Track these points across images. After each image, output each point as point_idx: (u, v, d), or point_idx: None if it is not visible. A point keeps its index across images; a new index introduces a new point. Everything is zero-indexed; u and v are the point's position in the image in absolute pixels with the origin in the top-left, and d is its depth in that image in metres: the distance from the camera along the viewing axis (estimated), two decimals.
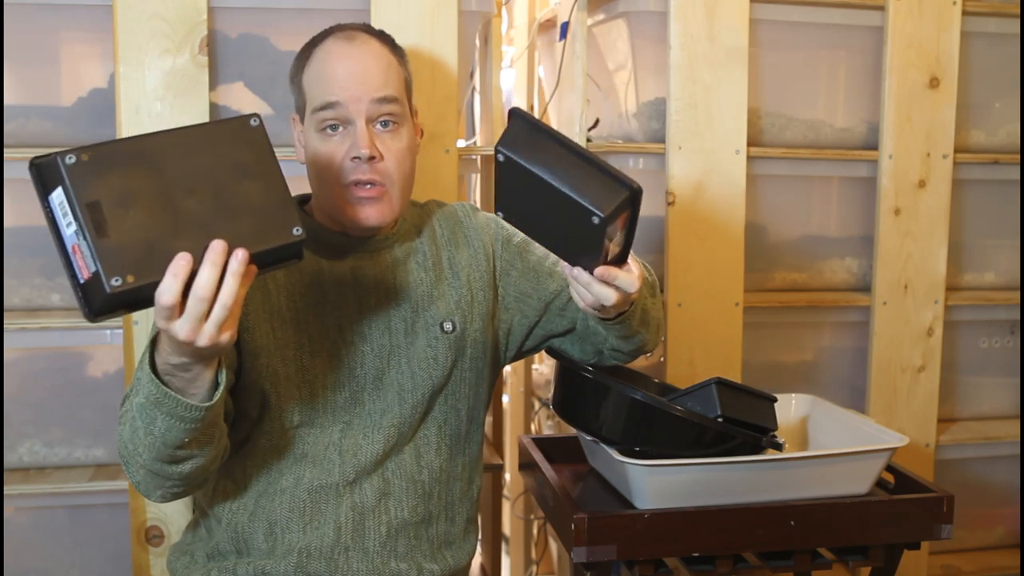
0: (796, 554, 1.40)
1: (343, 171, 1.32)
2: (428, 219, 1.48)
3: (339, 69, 1.33)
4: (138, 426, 1.16)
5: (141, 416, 1.15)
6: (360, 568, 1.34)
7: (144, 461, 1.19)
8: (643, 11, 1.96)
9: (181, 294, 1.01)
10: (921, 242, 2.08)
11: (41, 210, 1.04)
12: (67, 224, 1.01)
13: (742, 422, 1.40)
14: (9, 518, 1.82)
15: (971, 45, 2.12)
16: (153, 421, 1.14)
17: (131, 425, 1.18)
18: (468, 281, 1.43)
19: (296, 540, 1.33)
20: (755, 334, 2.08)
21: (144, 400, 1.13)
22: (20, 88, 1.79)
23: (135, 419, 1.16)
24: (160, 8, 1.70)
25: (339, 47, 1.35)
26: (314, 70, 1.36)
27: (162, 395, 1.11)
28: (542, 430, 2.43)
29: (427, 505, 1.39)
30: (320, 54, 1.36)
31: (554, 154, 1.12)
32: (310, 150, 1.36)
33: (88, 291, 1.02)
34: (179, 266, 1.01)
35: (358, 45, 1.35)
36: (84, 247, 1.00)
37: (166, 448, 1.16)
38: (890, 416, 2.10)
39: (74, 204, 1.00)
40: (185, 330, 1.03)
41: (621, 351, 1.41)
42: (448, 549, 1.42)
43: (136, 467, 1.22)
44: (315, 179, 1.37)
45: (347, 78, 1.32)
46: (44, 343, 1.80)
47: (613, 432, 1.36)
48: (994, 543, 2.29)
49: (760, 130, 2.06)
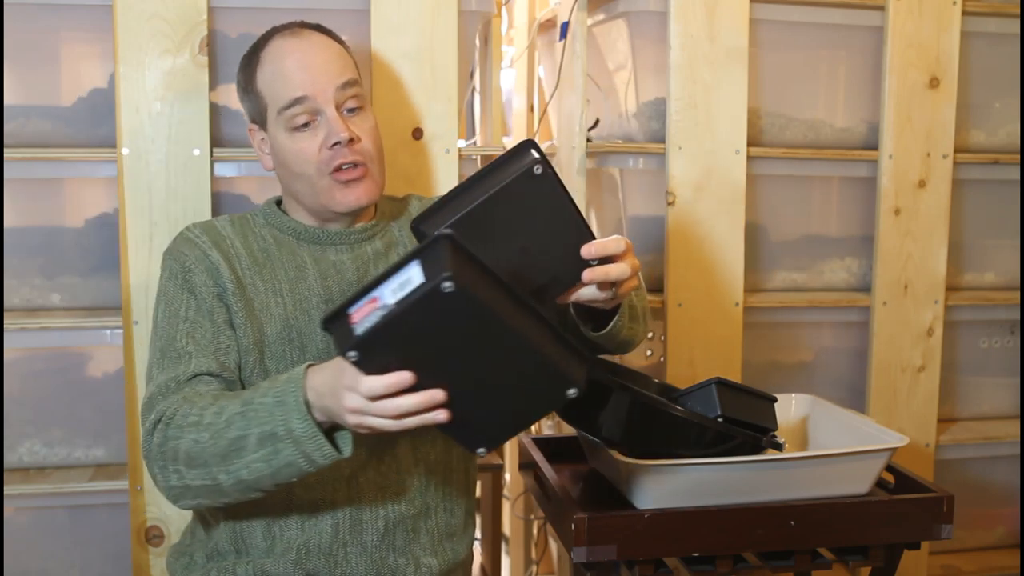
0: (796, 554, 1.40)
1: (323, 161, 1.35)
2: (406, 210, 1.52)
3: (296, 64, 1.35)
4: (241, 447, 1.16)
5: (260, 444, 1.15)
6: (359, 563, 1.34)
7: (215, 476, 1.19)
8: (643, 11, 1.96)
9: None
10: (921, 242, 2.08)
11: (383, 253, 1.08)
12: (391, 292, 1.00)
13: (742, 422, 1.40)
14: (9, 518, 1.81)
15: (971, 45, 2.12)
16: (276, 454, 1.15)
17: (218, 439, 1.18)
18: None
19: (295, 538, 1.33)
20: (755, 334, 2.08)
21: (274, 431, 1.14)
22: (20, 88, 1.79)
23: (237, 440, 1.17)
24: (160, 8, 1.70)
25: (288, 44, 1.37)
26: (269, 72, 1.36)
27: (310, 435, 1.13)
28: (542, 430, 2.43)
29: (424, 498, 1.39)
30: (270, 56, 1.37)
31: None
32: (283, 151, 1.37)
33: (342, 328, 1.02)
34: (403, 382, 1.02)
35: (305, 38, 1.38)
36: (377, 315, 0.99)
37: (267, 480, 1.18)
38: (890, 416, 2.10)
39: (415, 293, 0.98)
40: (357, 420, 1.06)
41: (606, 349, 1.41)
42: (448, 541, 1.42)
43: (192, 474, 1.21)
44: (292, 178, 1.39)
45: (307, 71, 1.34)
46: (44, 343, 1.80)
47: (613, 432, 1.36)
48: (994, 543, 2.29)
49: (760, 130, 2.06)
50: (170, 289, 1.37)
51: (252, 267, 1.38)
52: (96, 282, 1.85)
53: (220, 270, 1.36)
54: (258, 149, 1.44)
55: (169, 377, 1.30)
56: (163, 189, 1.73)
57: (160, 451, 1.23)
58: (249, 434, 1.16)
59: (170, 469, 1.23)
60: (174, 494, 1.26)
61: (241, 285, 1.35)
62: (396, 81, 1.79)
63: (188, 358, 1.30)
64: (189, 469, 1.21)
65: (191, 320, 1.34)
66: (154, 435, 1.24)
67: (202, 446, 1.20)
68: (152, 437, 1.24)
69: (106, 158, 1.76)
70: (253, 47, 1.41)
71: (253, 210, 1.48)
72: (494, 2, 1.94)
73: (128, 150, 1.72)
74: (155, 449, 1.24)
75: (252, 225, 1.43)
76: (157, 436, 1.24)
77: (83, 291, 1.85)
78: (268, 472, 1.17)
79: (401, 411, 1.03)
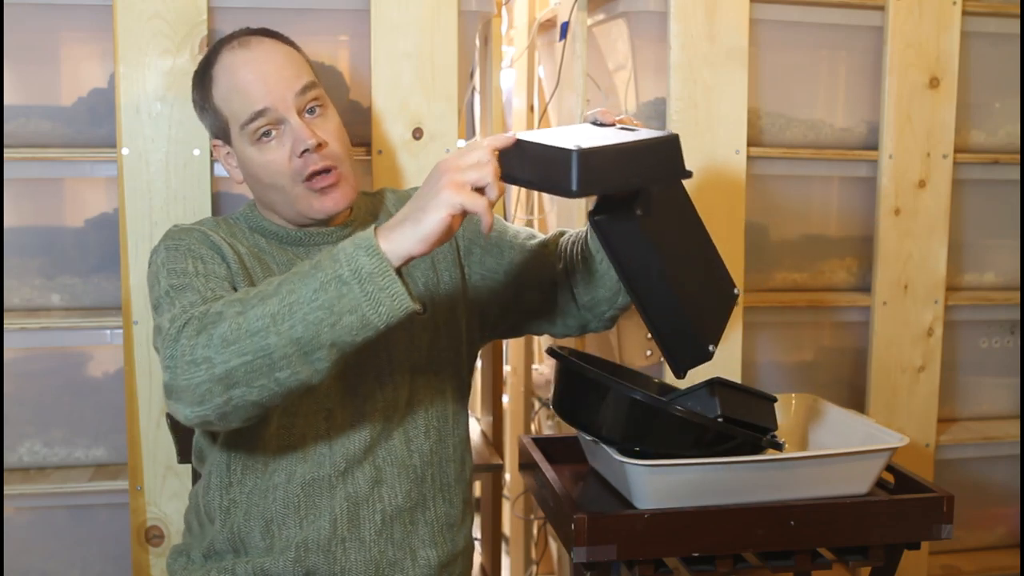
0: (796, 554, 1.40)
1: (295, 170, 1.33)
2: (382, 205, 1.51)
3: (251, 76, 1.33)
4: (296, 300, 1.07)
5: (321, 290, 1.06)
6: (357, 559, 1.34)
7: (261, 343, 1.08)
8: (643, 11, 1.96)
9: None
10: (921, 242, 2.08)
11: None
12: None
13: (742, 422, 1.40)
14: (9, 518, 1.82)
15: (971, 45, 2.12)
16: (339, 298, 1.06)
17: (267, 301, 1.10)
18: (433, 262, 1.45)
19: (293, 535, 1.33)
20: (755, 334, 2.08)
21: (338, 274, 1.06)
22: (20, 88, 1.79)
23: (290, 294, 1.08)
24: (160, 8, 1.70)
25: (239, 56, 1.35)
26: (224, 87, 1.35)
27: (381, 271, 1.05)
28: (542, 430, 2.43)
29: (420, 489, 1.39)
30: (223, 70, 1.36)
31: None
32: (251, 164, 1.36)
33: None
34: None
35: (255, 48, 1.36)
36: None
37: (326, 335, 1.07)
38: (890, 416, 2.10)
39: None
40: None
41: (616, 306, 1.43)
42: (447, 532, 1.42)
43: (227, 355, 1.10)
44: (265, 190, 1.37)
45: (263, 82, 1.33)
46: (44, 343, 1.80)
47: (613, 432, 1.36)
48: (994, 543, 2.29)
49: (760, 130, 2.06)
50: (170, 260, 1.29)
51: (249, 255, 1.36)
52: (96, 282, 1.85)
53: (223, 248, 1.33)
54: (224, 164, 1.42)
55: (192, 301, 1.21)
56: (163, 189, 1.73)
57: (191, 343, 1.11)
58: (305, 286, 1.07)
59: (199, 359, 1.11)
60: (199, 393, 1.12)
61: (244, 265, 1.33)
62: (396, 81, 1.79)
63: (211, 293, 1.23)
64: (225, 348, 1.09)
65: (203, 275, 1.27)
66: (184, 331, 1.13)
67: (247, 315, 1.09)
68: (182, 334, 1.12)
69: (106, 158, 1.76)
70: (204, 63, 1.39)
71: (233, 214, 1.46)
72: (494, 2, 1.94)
73: (128, 150, 1.72)
74: (184, 344, 1.12)
75: (237, 226, 1.42)
76: (189, 330, 1.12)
77: (83, 291, 1.85)
78: (328, 323, 1.06)
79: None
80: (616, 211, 1.25)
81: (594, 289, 1.43)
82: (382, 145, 1.78)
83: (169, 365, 1.14)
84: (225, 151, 1.41)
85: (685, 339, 1.30)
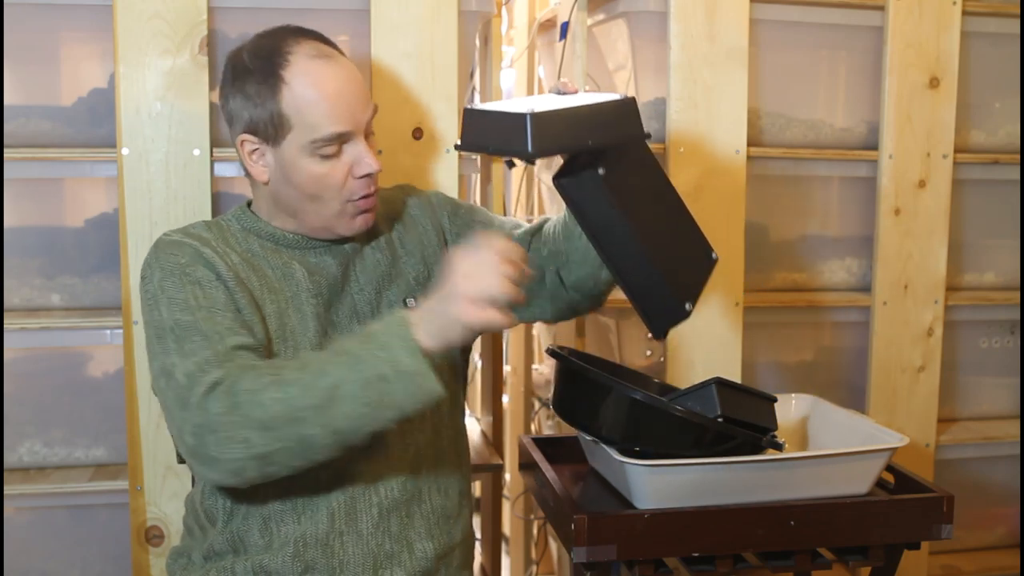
0: (796, 554, 1.40)
1: (349, 189, 1.34)
2: (403, 208, 1.52)
3: (338, 96, 1.31)
4: (339, 396, 1.15)
5: (364, 389, 1.15)
6: (355, 552, 1.34)
7: (303, 433, 1.16)
8: (643, 11, 1.96)
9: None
10: (921, 242, 2.08)
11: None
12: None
13: (742, 422, 1.40)
14: (9, 518, 1.82)
15: (971, 45, 2.12)
16: (382, 396, 1.15)
17: (310, 391, 1.16)
18: (422, 257, 1.47)
19: (291, 531, 1.33)
20: (755, 334, 2.08)
21: (382, 373, 1.15)
22: (20, 88, 1.79)
23: (333, 388, 1.15)
24: (160, 8, 1.70)
25: (322, 69, 1.32)
26: (303, 96, 1.30)
27: (423, 370, 1.15)
28: (542, 430, 2.43)
29: (416, 482, 1.39)
30: (302, 77, 1.31)
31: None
32: (300, 173, 1.33)
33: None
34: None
35: (337, 64, 1.34)
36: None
37: (367, 426, 1.17)
38: (890, 416, 2.10)
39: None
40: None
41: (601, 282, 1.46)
42: (444, 524, 1.42)
43: (267, 439, 1.16)
44: (302, 198, 1.35)
45: (348, 105, 1.32)
46: (44, 343, 1.80)
47: (613, 432, 1.36)
48: (994, 543, 2.29)
49: (760, 130, 2.06)
50: (169, 287, 1.28)
51: (243, 263, 1.34)
52: (96, 282, 1.85)
53: (216, 265, 1.31)
54: (247, 159, 1.36)
55: (205, 356, 1.21)
56: (163, 189, 1.73)
57: (225, 419, 1.15)
58: (348, 380, 1.15)
59: (237, 439, 1.15)
60: (234, 467, 1.17)
61: (239, 279, 1.32)
62: (396, 81, 1.79)
63: (219, 337, 1.23)
64: (265, 432, 1.15)
65: (206, 307, 1.26)
66: (211, 401, 1.16)
67: (289, 403, 1.15)
68: (209, 404, 1.16)
69: (106, 158, 1.76)
70: (267, 60, 1.32)
71: (224, 216, 1.43)
72: (494, 2, 1.94)
73: (128, 150, 1.72)
74: (216, 417, 1.15)
75: (229, 230, 1.39)
76: (219, 403, 1.16)
77: (83, 291, 1.85)
78: (370, 417, 1.16)
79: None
80: (579, 173, 1.31)
81: (578, 268, 1.45)
82: (382, 145, 1.78)
83: (197, 433, 1.18)
84: (254, 148, 1.35)
85: (660, 298, 1.34)
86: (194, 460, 1.20)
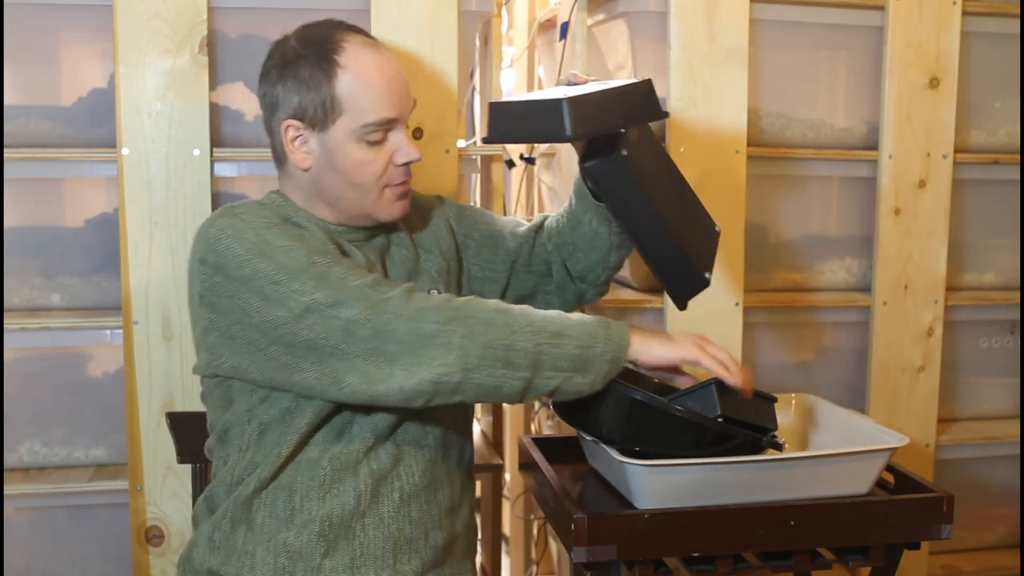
0: (796, 554, 1.40)
1: (390, 176, 1.38)
2: (439, 210, 1.57)
3: (389, 83, 1.36)
4: (561, 334, 1.28)
5: (569, 361, 1.28)
6: (376, 535, 1.34)
7: (513, 341, 1.25)
8: (643, 11, 1.96)
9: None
10: (921, 242, 2.08)
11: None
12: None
13: (742, 422, 1.40)
14: (9, 518, 1.82)
15: (971, 45, 2.12)
16: (586, 364, 1.29)
17: (532, 321, 1.28)
18: (440, 252, 1.50)
19: (316, 509, 1.33)
20: (755, 334, 2.08)
21: (595, 353, 1.29)
22: (20, 88, 1.79)
23: (557, 332, 1.28)
24: (160, 8, 1.70)
25: (373, 56, 1.36)
26: (357, 82, 1.33)
27: (616, 368, 1.32)
28: (542, 430, 2.43)
29: (433, 470, 1.41)
30: (357, 63, 1.33)
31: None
32: (344, 158, 1.34)
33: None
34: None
35: (384, 54, 1.38)
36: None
37: (554, 378, 1.28)
38: (890, 416, 2.10)
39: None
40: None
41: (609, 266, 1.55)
42: (450, 516, 1.43)
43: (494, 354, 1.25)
44: (343, 184, 1.36)
45: (398, 92, 1.37)
46: (44, 343, 1.80)
47: (613, 432, 1.36)
48: (994, 543, 2.29)
49: (760, 130, 2.06)
50: (272, 238, 1.28)
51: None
52: (96, 282, 1.85)
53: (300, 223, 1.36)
54: (289, 145, 1.36)
55: (363, 279, 1.27)
56: (163, 189, 1.73)
57: (444, 330, 1.23)
58: (570, 334, 1.28)
59: (454, 352, 1.23)
60: (439, 372, 1.24)
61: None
62: None
63: (358, 270, 1.29)
64: (486, 351, 1.24)
65: (332, 251, 1.32)
66: (427, 314, 1.24)
67: (510, 318, 1.26)
68: (427, 315, 1.24)
69: (106, 158, 1.76)
70: (320, 46, 1.34)
71: (262, 200, 1.42)
72: (494, 2, 1.94)
73: (128, 150, 1.72)
74: (435, 328, 1.23)
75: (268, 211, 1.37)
76: (433, 315, 1.24)
77: (83, 291, 1.85)
78: (568, 370, 1.27)
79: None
80: (602, 156, 1.40)
81: (585, 256, 1.54)
82: None
83: (405, 340, 1.24)
84: (298, 134, 1.35)
85: (682, 270, 1.45)
86: (389, 364, 1.24)
